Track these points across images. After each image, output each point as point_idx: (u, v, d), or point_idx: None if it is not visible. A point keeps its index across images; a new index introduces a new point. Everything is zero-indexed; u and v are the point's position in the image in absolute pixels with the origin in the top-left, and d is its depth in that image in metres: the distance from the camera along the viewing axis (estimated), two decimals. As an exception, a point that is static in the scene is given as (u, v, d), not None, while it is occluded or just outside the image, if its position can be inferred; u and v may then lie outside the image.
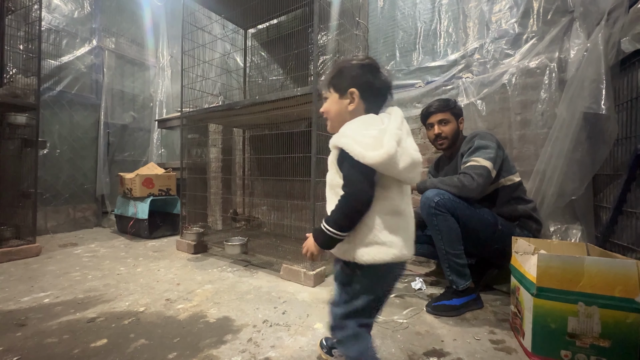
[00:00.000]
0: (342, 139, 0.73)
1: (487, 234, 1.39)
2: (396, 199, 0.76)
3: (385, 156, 0.68)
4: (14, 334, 1.17)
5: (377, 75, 0.81)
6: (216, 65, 2.91)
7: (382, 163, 0.69)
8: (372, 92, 0.81)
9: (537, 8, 1.76)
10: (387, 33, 2.32)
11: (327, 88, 0.86)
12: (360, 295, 0.77)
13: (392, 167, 0.70)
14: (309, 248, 0.80)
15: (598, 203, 1.52)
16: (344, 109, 0.82)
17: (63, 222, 3.12)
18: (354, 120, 0.79)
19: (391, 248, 0.73)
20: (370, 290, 0.77)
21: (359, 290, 0.77)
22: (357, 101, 0.80)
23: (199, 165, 3.15)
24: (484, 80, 1.87)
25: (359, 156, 0.69)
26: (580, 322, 0.97)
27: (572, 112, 1.47)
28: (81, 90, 3.26)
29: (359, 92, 0.80)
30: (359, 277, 0.76)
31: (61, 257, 2.21)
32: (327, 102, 0.86)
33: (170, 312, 1.36)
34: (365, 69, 0.81)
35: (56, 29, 3.06)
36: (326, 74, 0.87)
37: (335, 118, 0.85)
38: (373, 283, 0.77)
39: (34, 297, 1.51)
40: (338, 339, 0.82)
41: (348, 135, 0.73)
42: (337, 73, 0.84)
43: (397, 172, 0.72)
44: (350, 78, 0.81)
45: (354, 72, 0.81)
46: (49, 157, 3.02)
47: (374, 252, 0.72)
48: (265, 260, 2.12)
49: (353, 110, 0.81)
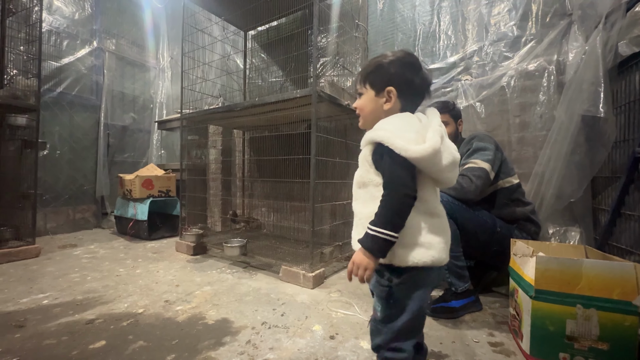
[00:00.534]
0: (380, 133, 0.69)
1: (486, 236, 1.40)
2: (432, 199, 0.73)
3: (430, 150, 0.65)
4: (12, 335, 1.17)
5: (417, 73, 0.77)
6: (216, 67, 2.92)
7: (426, 158, 0.65)
8: (410, 91, 0.77)
9: (536, 11, 1.77)
10: (386, 35, 2.33)
11: (363, 84, 0.81)
12: (404, 305, 0.71)
13: (435, 164, 0.67)
14: (360, 265, 0.68)
15: (597, 205, 1.53)
16: (380, 107, 0.78)
17: (62, 223, 3.12)
18: (392, 117, 0.75)
19: (430, 250, 0.69)
20: (412, 298, 0.71)
21: (401, 300, 0.71)
22: (394, 100, 0.76)
23: (198, 166, 3.16)
24: (483, 82, 1.87)
25: (401, 149, 0.65)
26: (578, 325, 0.97)
27: (570, 115, 1.48)
28: (81, 92, 3.26)
29: (397, 91, 0.76)
30: (398, 285, 0.71)
31: (60, 258, 2.21)
32: (361, 98, 0.82)
33: (169, 314, 1.36)
34: (406, 67, 0.77)
35: (57, 30, 3.07)
36: (362, 69, 0.83)
37: (369, 116, 0.81)
38: (413, 290, 0.72)
39: (33, 298, 1.51)
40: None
41: (387, 129, 0.69)
42: (374, 69, 0.79)
43: (439, 169, 0.68)
44: (389, 75, 0.77)
45: (392, 69, 0.77)
46: (49, 158, 3.02)
47: (413, 253, 0.68)
48: (265, 262, 2.12)
49: (389, 109, 0.77)
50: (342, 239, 2.22)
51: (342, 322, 1.30)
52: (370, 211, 0.71)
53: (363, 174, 0.76)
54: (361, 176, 0.76)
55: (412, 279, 0.71)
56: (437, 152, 0.66)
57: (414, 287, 0.72)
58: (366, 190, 0.74)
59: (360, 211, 0.76)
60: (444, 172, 0.70)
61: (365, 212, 0.73)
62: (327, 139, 2.22)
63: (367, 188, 0.74)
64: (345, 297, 1.57)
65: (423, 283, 0.72)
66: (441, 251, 0.71)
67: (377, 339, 0.76)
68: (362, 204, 0.76)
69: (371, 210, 0.71)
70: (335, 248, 2.04)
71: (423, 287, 0.73)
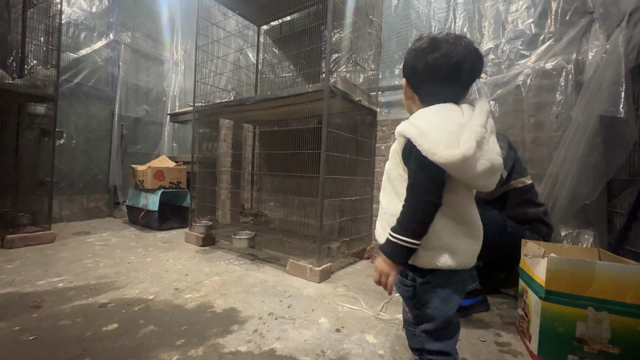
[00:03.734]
0: (410, 129, 0.64)
1: (496, 237, 1.38)
2: (462, 204, 0.68)
3: (459, 157, 0.58)
4: (30, 315, 1.21)
5: (423, 56, 0.68)
6: (229, 61, 2.94)
7: (455, 165, 0.59)
8: (417, 78, 0.71)
9: (556, 8, 1.73)
10: (400, 32, 2.31)
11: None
12: (430, 306, 0.69)
13: (466, 171, 0.60)
14: (382, 272, 0.67)
15: (612, 208, 1.49)
16: (408, 100, 0.76)
17: (77, 211, 3.21)
18: (429, 108, 0.68)
19: (455, 254, 0.66)
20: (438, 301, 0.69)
21: (426, 300, 0.70)
22: (409, 92, 0.73)
23: (209, 159, 3.20)
24: (498, 81, 1.84)
25: (427, 153, 0.60)
26: (589, 328, 0.95)
27: (588, 115, 1.44)
28: (97, 83, 3.33)
29: (407, 81, 0.72)
30: (421, 285, 0.69)
31: (74, 244, 2.28)
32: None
33: (178, 301, 1.39)
34: (413, 53, 0.70)
35: (75, 22, 3.13)
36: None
37: (407, 108, 0.78)
38: (438, 290, 0.69)
39: (49, 281, 1.56)
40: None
41: (418, 125, 0.64)
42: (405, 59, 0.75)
43: (471, 176, 0.62)
44: (403, 66, 0.74)
45: (405, 59, 0.73)
46: (65, 148, 3.10)
47: (437, 257, 0.66)
48: (272, 255, 2.14)
49: (411, 102, 0.74)
50: (349, 234, 2.23)
51: (348, 316, 1.31)
52: (394, 209, 0.69)
53: (392, 167, 0.72)
54: (390, 169, 0.73)
55: (436, 279, 0.68)
56: (467, 160, 0.58)
57: (439, 287, 0.69)
58: (392, 185, 0.71)
59: (384, 206, 0.74)
60: (477, 179, 0.62)
61: (390, 209, 0.71)
62: (338, 134, 2.22)
63: (393, 182, 0.71)
64: (351, 292, 1.58)
65: (448, 283, 0.69)
66: (468, 256, 0.68)
67: (414, 341, 0.75)
68: (387, 197, 0.73)
69: (395, 209, 0.68)
70: (342, 244, 2.05)
71: (448, 287, 0.69)
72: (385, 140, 2.33)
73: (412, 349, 0.77)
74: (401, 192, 0.68)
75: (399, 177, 0.70)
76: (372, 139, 2.34)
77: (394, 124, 2.30)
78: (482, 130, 0.62)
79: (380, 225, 0.75)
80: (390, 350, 1.07)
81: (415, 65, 0.70)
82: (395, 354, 1.05)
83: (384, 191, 0.76)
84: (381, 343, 1.11)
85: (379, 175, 2.35)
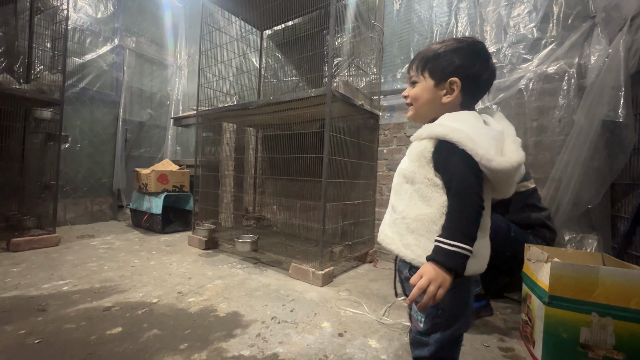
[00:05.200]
0: (454, 133, 0.61)
1: (500, 241, 1.37)
2: (487, 210, 0.68)
3: (515, 165, 0.60)
4: (35, 318, 1.22)
5: (487, 66, 0.69)
6: (232, 65, 2.96)
7: (508, 172, 0.60)
8: (476, 85, 0.70)
9: (557, 13, 1.73)
10: (402, 36, 2.32)
11: (420, 71, 0.73)
12: (453, 313, 0.68)
13: (511, 178, 0.63)
14: (435, 281, 0.59)
15: (615, 213, 1.49)
16: (437, 100, 0.71)
17: (81, 214, 3.23)
18: (464, 113, 0.68)
19: (477, 259, 0.66)
20: (460, 308, 0.69)
21: (450, 308, 0.67)
22: (457, 94, 0.69)
23: (212, 163, 3.22)
24: (500, 85, 1.84)
25: (482, 158, 0.59)
26: (593, 333, 0.95)
27: (590, 119, 1.44)
28: (102, 88, 3.37)
29: (462, 83, 0.68)
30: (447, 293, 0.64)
31: (79, 247, 2.30)
32: (417, 87, 0.74)
33: (181, 305, 1.40)
34: (475, 57, 0.68)
35: (80, 28, 3.18)
36: (421, 54, 0.74)
37: (422, 107, 0.73)
38: (460, 300, 0.68)
39: (54, 284, 1.57)
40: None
41: (462, 130, 0.61)
42: (437, 55, 0.70)
43: (509, 183, 0.64)
44: (455, 66, 0.68)
45: (460, 58, 0.68)
46: (70, 151, 3.13)
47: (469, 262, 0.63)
48: (275, 259, 2.15)
49: (448, 102, 0.70)
50: (352, 238, 2.23)
51: (350, 321, 1.31)
52: (419, 214, 0.67)
53: (415, 169, 0.68)
54: (412, 171, 0.69)
55: (459, 286, 0.66)
56: (518, 167, 0.62)
57: (462, 294, 0.68)
58: (415, 188, 0.68)
59: (404, 210, 0.70)
60: (512, 186, 0.66)
61: (412, 213, 0.68)
62: (340, 138, 2.23)
63: (416, 185, 0.68)
64: (354, 296, 1.58)
65: (469, 290, 0.71)
66: (486, 260, 0.69)
67: (420, 351, 0.71)
68: (407, 201, 0.69)
69: (420, 213, 0.67)
70: (345, 247, 2.05)
71: (469, 293, 0.71)
72: (387, 144, 2.34)
73: (414, 358, 0.74)
74: (430, 197, 0.66)
75: (425, 180, 0.67)
76: (374, 142, 2.35)
77: (396, 128, 2.30)
78: (519, 139, 0.67)
79: (395, 231, 0.71)
80: (394, 355, 1.07)
81: (480, 72, 0.69)
82: (398, 359, 1.05)
83: (399, 195, 0.72)
84: (384, 348, 1.11)
85: (381, 178, 2.36)
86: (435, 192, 0.66)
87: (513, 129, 0.69)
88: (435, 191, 0.66)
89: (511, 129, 0.69)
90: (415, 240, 0.67)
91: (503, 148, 0.64)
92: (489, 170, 0.60)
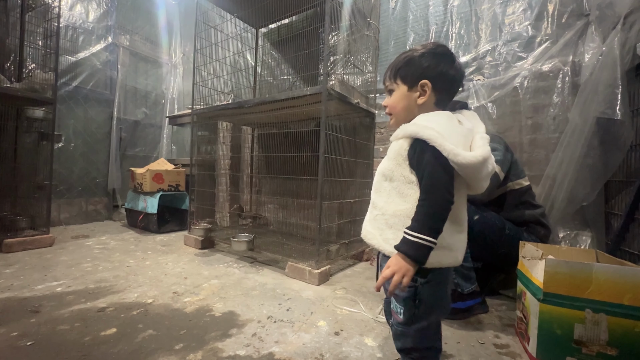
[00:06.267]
0: (425, 131, 0.65)
1: (494, 238, 1.38)
2: (460, 204, 0.72)
3: (480, 159, 0.64)
4: (28, 319, 1.21)
5: (451, 64, 0.74)
6: (227, 64, 2.94)
7: (474, 167, 0.64)
8: (445, 83, 0.75)
9: (552, 11, 1.74)
10: (398, 34, 2.32)
11: (393, 79, 0.78)
12: (430, 304, 0.72)
13: (479, 172, 0.66)
14: (400, 270, 0.64)
15: (609, 210, 1.50)
16: (413, 102, 0.75)
17: (75, 215, 3.20)
18: (435, 114, 0.72)
19: (452, 252, 0.71)
20: (437, 299, 0.73)
21: (427, 299, 0.71)
22: (429, 94, 0.74)
23: (207, 162, 3.20)
24: (495, 83, 1.85)
25: (450, 153, 0.63)
26: (587, 329, 0.96)
27: (584, 117, 1.45)
28: (96, 86, 3.33)
29: (432, 83, 0.73)
30: (423, 285, 0.71)
31: (73, 248, 2.27)
32: (393, 96, 0.79)
33: (177, 305, 1.39)
34: (439, 58, 0.74)
35: (73, 25, 3.13)
36: (392, 64, 0.79)
37: (401, 113, 0.78)
38: (438, 289, 0.73)
39: (48, 285, 1.56)
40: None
41: (433, 128, 0.66)
42: (405, 63, 0.76)
43: (479, 178, 0.68)
44: (422, 68, 0.74)
45: (425, 62, 0.74)
46: (64, 151, 3.10)
47: (440, 255, 0.68)
48: (271, 258, 2.14)
49: (423, 103, 0.74)
50: (348, 237, 2.23)
51: (347, 319, 1.31)
52: (396, 210, 0.70)
53: (393, 167, 0.73)
54: (390, 169, 0.73)
55: (436, 278, 0.71)
56: (486, 162, 0.65)
57: (438, 285, 0.73)
58: (393, 185, 0.72)
59: (383, 207, 0.74)
60: (482, 180, 0.69)
61: (390, 209, 0.72)
62: (336, 137, 2.23)
63: (394, 182, 0.72)
64: (350, 294, 1.58)
65: (445, 281, 0.75)
66: (462, 253, 0.73)
67: (404, 342, 0.76)
68: (385, 198, 0.74)
69: (398, 209, 0.70)
70: (341, 246, 2.05)
71: (445, 285, 0.75)
72: (383, 142, 2.33)
73: (399, 350, 0.78)
74: (407, 193, 0.70)
75: (402, 178, 0.71)
76: (370, 141, 2.35)
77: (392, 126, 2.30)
78: (487, 136, 0.71)
79: (376, 227, 0.75)
80: (390, 353, 1.07)
81: (445, 71, 0.74)
82: (394, 356, 1.05)
83: (378, 192, 0.76)
84: (380, 346, 1.11)
85: (377, 177, 2.36)
86: (410, 189, 0.70)
87: (483, 127, 0.74)
88: (411, 188, 0.70)
89: (481, 126, 0.74)
90: (394, 235, 0.70)
91: (472, 144, 0.69)
92: (456, 165, 0.64)
